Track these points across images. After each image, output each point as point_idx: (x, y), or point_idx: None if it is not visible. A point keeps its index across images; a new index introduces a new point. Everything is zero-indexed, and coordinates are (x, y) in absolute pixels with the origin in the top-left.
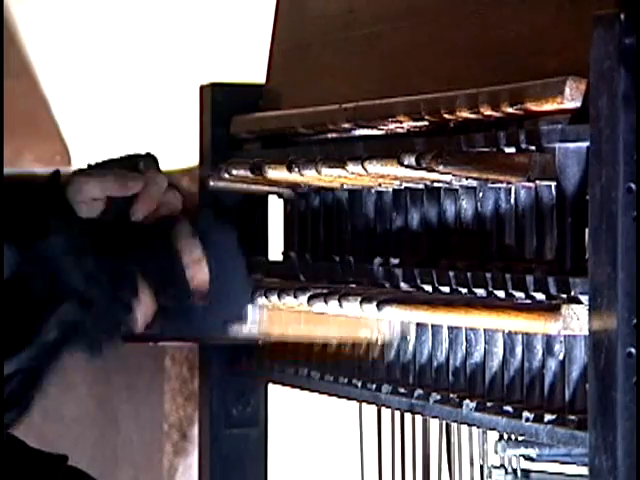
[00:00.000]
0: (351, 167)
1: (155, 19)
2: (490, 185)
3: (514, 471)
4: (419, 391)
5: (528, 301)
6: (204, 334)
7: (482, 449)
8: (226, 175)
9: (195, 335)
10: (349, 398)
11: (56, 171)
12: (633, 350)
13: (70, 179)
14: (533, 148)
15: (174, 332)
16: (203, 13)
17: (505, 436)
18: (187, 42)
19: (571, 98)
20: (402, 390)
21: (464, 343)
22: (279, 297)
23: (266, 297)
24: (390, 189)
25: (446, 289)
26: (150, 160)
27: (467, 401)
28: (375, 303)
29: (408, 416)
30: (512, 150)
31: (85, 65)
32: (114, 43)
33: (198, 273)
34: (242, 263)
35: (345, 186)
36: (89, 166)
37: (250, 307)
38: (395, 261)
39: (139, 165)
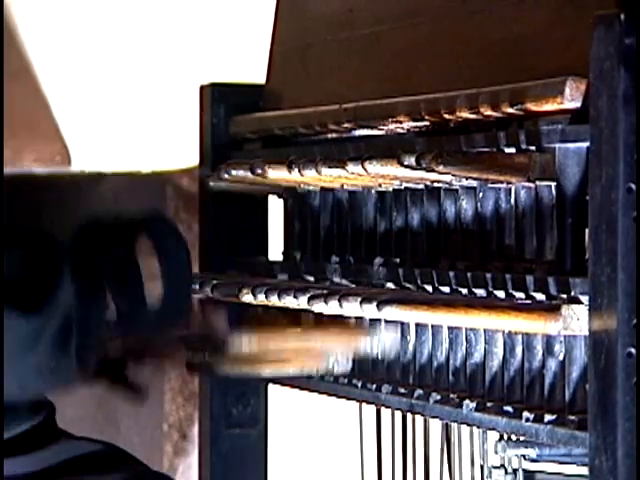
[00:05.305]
0: (351, 167)
1: (155, 19)
2: (490, 185)
3: (514, 471)
4: (419, 391)
5: (528, 301)
6: (152, 333)
7: (482, 449)
8: (226, 175)
9: (144, 333)
10: (349, 398)
11: None
12: (633, 350)
13: None
14: (533, 148)
15: (126, 332)
16: (203, 13)
17: (505, 436)
18: (187, 42)
19: (571, 98)
20: (402, 390)
21: (464, 343)
22: (279, 297)
23: (266, 297)
24: (390, 189)
25: (446, 289)
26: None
27: (467, 401)
28: (375, 303)
29: (408, 416)
30: (512, 150)
31: (85, 65)
32: (114, 43)
33: (153, 288)
34: (188, 274)
35: (345, 186)
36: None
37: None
38: (395, 261)
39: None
